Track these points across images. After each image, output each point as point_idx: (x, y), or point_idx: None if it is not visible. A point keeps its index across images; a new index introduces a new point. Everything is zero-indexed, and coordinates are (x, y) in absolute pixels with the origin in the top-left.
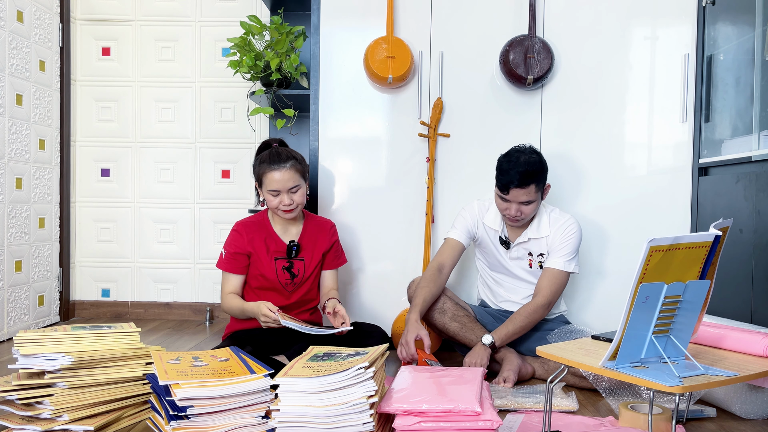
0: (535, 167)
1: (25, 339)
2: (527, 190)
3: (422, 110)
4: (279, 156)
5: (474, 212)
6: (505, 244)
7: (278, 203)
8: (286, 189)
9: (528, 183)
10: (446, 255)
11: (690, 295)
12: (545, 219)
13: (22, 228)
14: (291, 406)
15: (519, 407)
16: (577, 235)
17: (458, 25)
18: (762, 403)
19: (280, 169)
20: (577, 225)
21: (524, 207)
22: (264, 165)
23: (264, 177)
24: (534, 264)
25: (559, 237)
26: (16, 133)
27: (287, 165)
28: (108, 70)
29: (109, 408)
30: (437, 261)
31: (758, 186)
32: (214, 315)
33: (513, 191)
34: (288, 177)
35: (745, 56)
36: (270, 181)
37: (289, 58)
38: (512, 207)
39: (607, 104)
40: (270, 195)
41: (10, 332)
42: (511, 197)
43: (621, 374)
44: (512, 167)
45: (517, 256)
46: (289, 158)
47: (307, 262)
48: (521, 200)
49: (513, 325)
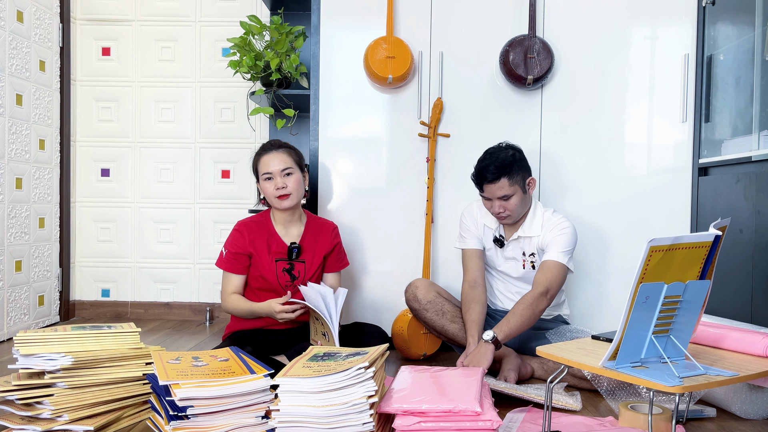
0: (506, 161)
1: (25, 339)
2: (500, 184)
3: (422, 110)
4: (271, 143)
5: (474, 214)
6: (499, 242)
7: (273, 189)
8: (279, 171)
9: (499, 176)
10: (473, 267)
11: (690, 295)
12: (538, 219)
13: (22, 228)
14: (291, 406)
15: (522, 395)
16: (571, 230)
17: (458, 25)
18: (762, 403)
19: (271, 152)
20: (571, 224)
21: (505, 203)
22: (258, 153)
23: (258, 164)
24: (527, 265)
25: (552, 234)
26: (16, 133)
27: (279, 150)
28: (108, 70)
29: (109, 408)
30: (468, 278)
31: (758, 186)
32: (214, 315)
33: (487, 187)
34: (280, 159)
35: (745, 56)
36: (263, 165)
37: (289, 58)
38: (494, 204)
39: (607, 104)
40: (265, 182)
41: (10, 332)
42: (487, 194)
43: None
44: (483, 164)
45: (512, 255)
46: (282, 145)
47: (307, 265)
48: (498, 195)
49: (514, 318)
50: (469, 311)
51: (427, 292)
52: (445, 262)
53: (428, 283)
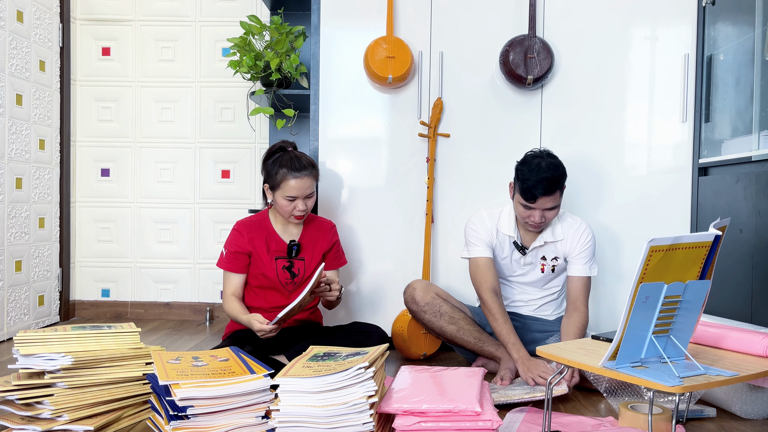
0: (559, 172)
1: (25, 339)
2: (554, 196)
3: (422, 110)
4: (299, 161)
5: (485, 222)
6: (522, 250)
7: (292, 209)
8: (303, 196)
9: (554, 189)
10: (489, 276)
11: (690, 295)
12: (559, 223)
13: (22, 228)
14: (291, 406)
15: (507, 399)
16: (592, 240)
17: (458, 25)
18: (762, 403)
19: (300, 177)
20: (591, 230)
21: (548, 213)
22: (284, 171)
23: (283, 182)
24: (546, 268)
25: (577, 245)
26: (16, 133)
27: (306, 172)
28: (108, 70)
29: (109, 408)
30: (487, 288)
31: (758, 186)
32: (214, 315)
33: (540, 200)
34: (307, 185)
35: (745, 56)
36: (289, 188)
37: (289, 58)
38: (536, 214)
39: (607, 104)
40: (285, 200)
41: (10, 332)
42: (537, 205)
43: (621, 374)
44: (535, 175)
45: (531, 261)
46: (308, 165)
47: (307, 262)
48: (547, 207)
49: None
50: (506, 324)
51: (425, 294)
52: (446, 262)
53: (426, 284)
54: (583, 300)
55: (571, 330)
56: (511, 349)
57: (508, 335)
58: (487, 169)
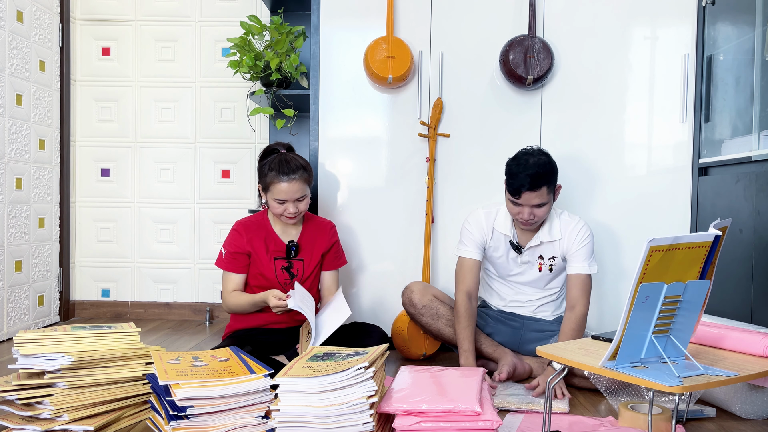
0: (545, 169)
1: (25, 339)
2: (539, 192)
3: (422, 110)
4: (288, 165)
5: (481, 222)
6: (517, 249)
7: (283, 211)
8: (293, 199)
9: (539, 185)
10: (469, 279)
11: (690, 295)
12: (556, 222)
13: (22, 228)
14: (291, 406)
15: (507, 406)
16: (591, 237)
17: (458, 25)
18: (762, 403)
19: (289, 180)
20: (589, 227)
21: (537, 210)
22: (272, 174)
23: (272, 186)
24: (544, 267)
25: (574, 243)
26: (16, 133)
27: (296, 176)
28: (108, 70)
29: (109, 408)
30: (463, 289)
31: (758, 186)
32: (214, 315)
33: (525, 195)
34: (296, 188)
35: (745, 56)
36: (278, 191)
37: (289, 58)
38: (525, 211)
39: (607, 104)
40: (275, 202)
41: (10, 332)
42: (523, 201)
43: (621, 374)
44: (522, 170)
45: (528, 260)
46: (297, 168)
47: (306, 263)
48: (533, 203)
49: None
50: (468, 328)
51: (422, 296)
52: (446, 262)
53: (424, 286)
54: (583, 298)
55: (568, 328)
56: (462, 355)
57: (463, 341)
58: (487, 169)
